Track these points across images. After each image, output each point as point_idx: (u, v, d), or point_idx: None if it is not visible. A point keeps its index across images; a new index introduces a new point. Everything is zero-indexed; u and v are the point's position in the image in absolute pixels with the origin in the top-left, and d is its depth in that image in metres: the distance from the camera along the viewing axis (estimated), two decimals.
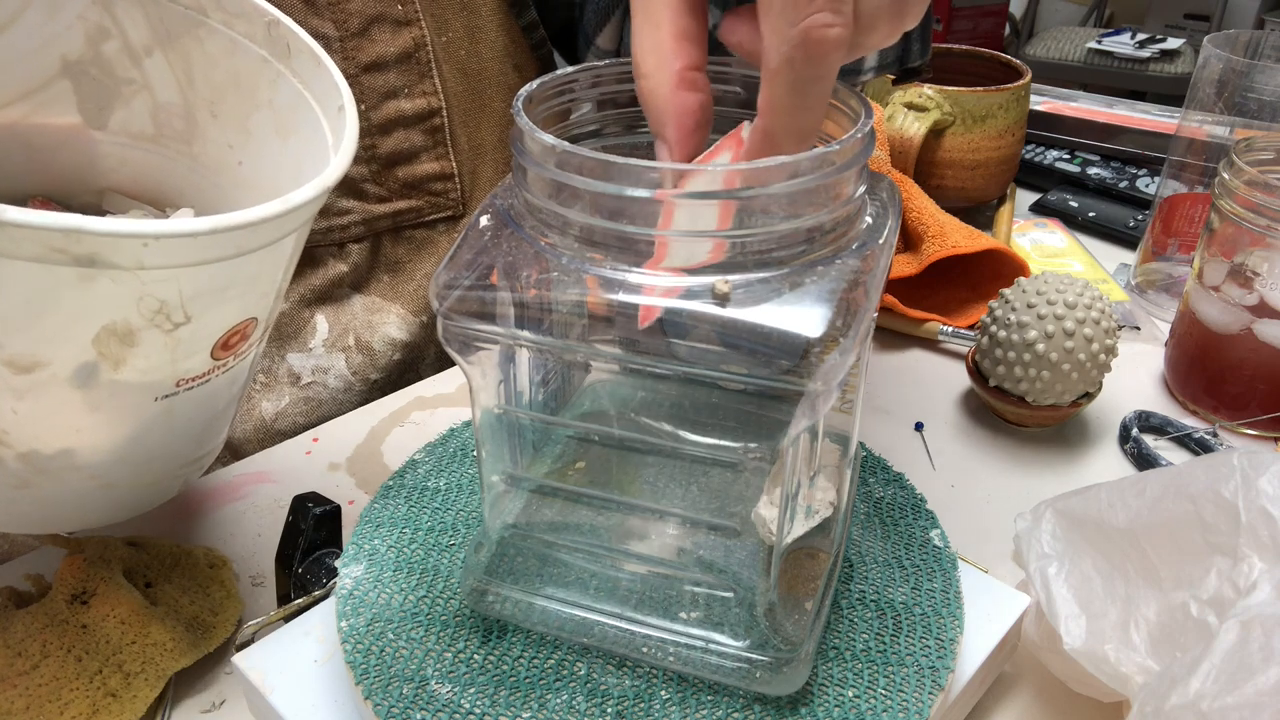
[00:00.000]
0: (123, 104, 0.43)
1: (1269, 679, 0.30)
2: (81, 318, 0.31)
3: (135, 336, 0.32)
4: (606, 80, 0.35)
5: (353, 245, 0.63)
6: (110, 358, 0.32)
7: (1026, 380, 0.55)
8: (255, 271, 0.35)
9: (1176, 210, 0.73)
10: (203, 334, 0.34)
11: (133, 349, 0.33)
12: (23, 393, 0.32)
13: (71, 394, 0.33)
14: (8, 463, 0.34)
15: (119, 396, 0.34)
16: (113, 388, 0.33)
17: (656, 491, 0.40)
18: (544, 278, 0.30)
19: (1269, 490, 0.36)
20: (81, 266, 0.29)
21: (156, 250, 0.30)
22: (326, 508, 0.42)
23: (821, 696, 0.34)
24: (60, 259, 0.29)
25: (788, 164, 0.28)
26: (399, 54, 0.60)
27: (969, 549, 0.44)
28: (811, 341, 0.27)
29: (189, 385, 0.36)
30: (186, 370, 0.35)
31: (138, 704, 0.39)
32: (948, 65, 0.88)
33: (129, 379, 0.33)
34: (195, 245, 0.31)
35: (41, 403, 0.33)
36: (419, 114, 0.62)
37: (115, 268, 0.30)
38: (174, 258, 0.31)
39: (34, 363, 0.31)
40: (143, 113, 0.43)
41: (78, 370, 0.32)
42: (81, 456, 0.35)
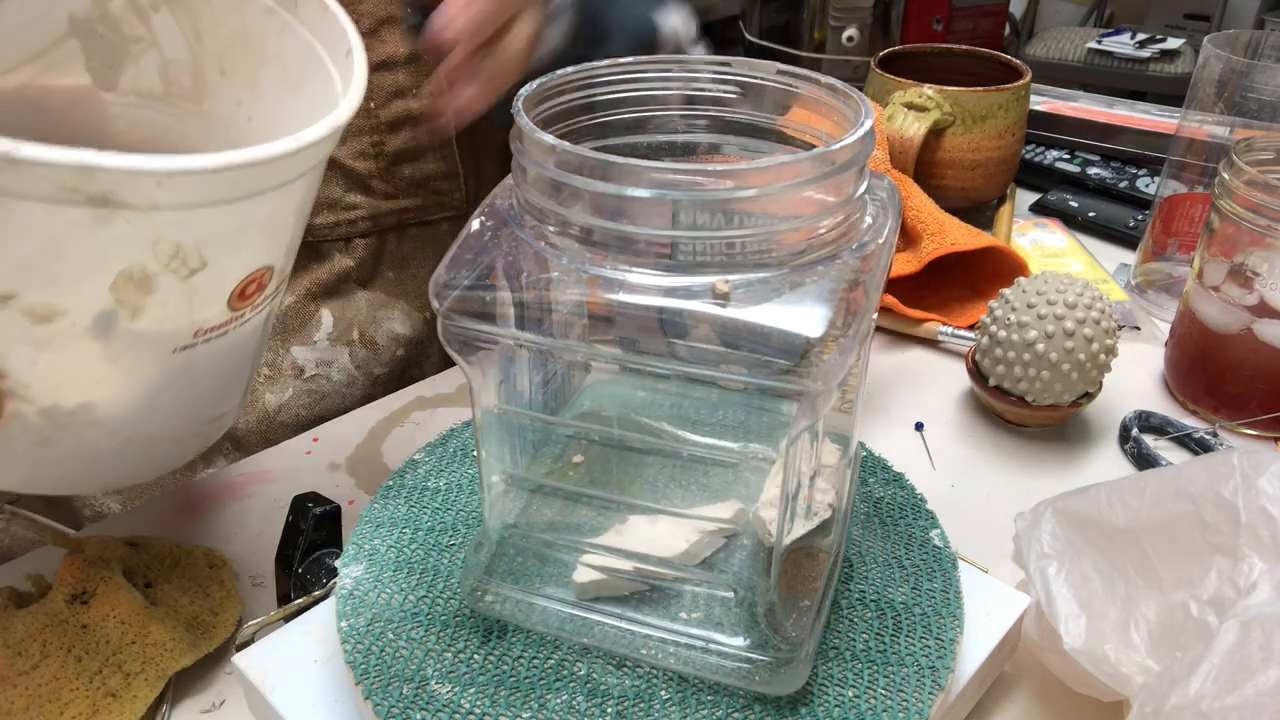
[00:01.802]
0: (131, 63, 0.43)
1: (1269, 679, 0.30)
2: (98, 262, 0.31)
3: (152, 283, 0.32)
4: (606, 80, 0.35)
5: (359, 240, 0.63)
6: (128, 305, 0.32)
7: (1026, 380, 0.55)
8: (268, 216, 0.34)
9: (1176, 210, 0.73)
10: (219, 281, 0.34)
11: (150, 296, 0.32)
12: (43, 343, 0.32)
13: (91, 344, 0.33)
14: (29, 418, 0.34)
15: (138, 347, 0.34)
16: (132, 338, 0.33)
17: (656, 491, 0.40)
18: (544, 278, 0.30)
19: (1269, 490, 0.36)
20: (95, 207, 0.29)
21: (170, 188, 0.29)
22: (326, 508, 0.42)
23: (821, 696, 0.34)
24: (74, 199, 0.28)
25: (788, 164, 0.28)
26: (408, 54, 0.61)
27: (969, 549, 0.44)
28: (811, 341, 0.27)
29: (207, 337, 0.36)
30: (204, 320, 0.35)
31: (138, 704, 0.39)
32: (948, 65, 0.88)
33: (147, 328, 0.33)
34: (208, 182, 0.30)
35: (62, 354, 0.33)
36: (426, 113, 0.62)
37: (129, 207, 0.29)
38: (187, 196, 0.30)
39: (53, 311, 0.31)
40: (151, 71, 0.43)
41: (96, 319, 0.32)
42: (101, 411, 0.35)
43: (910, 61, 0.87)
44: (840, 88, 0.32)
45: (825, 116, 0.33)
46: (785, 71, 0.34)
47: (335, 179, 0.61)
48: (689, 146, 0.36)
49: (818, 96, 0.33)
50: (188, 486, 0.53)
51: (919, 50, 0.88)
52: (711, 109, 0.35)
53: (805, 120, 0.34)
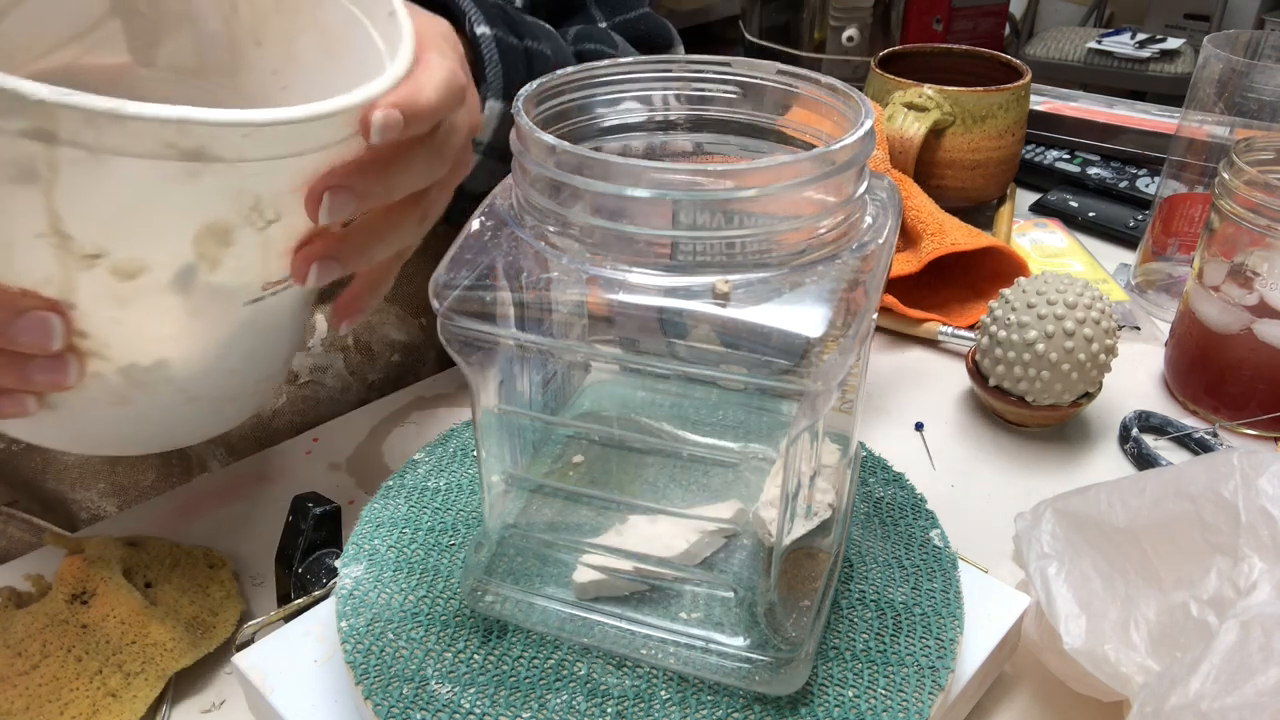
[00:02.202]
0: (169, 38, 0.44)
1: (1269, 679, 0.30)
2: (185, 216, 0.32)
3: (231, 235, 0.33)
4: (606, 80, 0.35)
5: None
6: (208, 258, 0.33)
7: (1026, 380, 0.55)
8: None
9: (1176, 210, 0.73)
10: (288, 233, 0.35)
11: (229, 249, 0.33)
12: (126, 301, 0.33)
13: (171, 299, 0.34)
14: (108, 377, 0.35)
15: (213, 301, 0.35)
16: (209, 292, 0.34)
17: (656, 491, 0.40)
18: (544, 278, 0.30)
19: (1269, 490, 0.36)
20: (188, 160, 0.30)
21: (256, 139, 0.30)
22: (326, 508, 0.42)
23: (821, 696, 0.34)
24: (169, 153, 0.29)
25: (788, 164, 0.28)
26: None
27: (969, 549, 0.44)
28: (811, 341, 0.27)
29: (273, 290, 0.37)
30: (271, 274, 0.36)
31: (138, 704, 0.39)
32: (948, 65, 0.88)
33: (223, 281, 0.34)
34: (290, 133, 0.31)
35: (142, 311, 0.33)
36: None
37: (219, 160, 0.30)
38: (270, 148, 0.31)
39: (138, 268, 0.32)
40: (187, 47, 0.44)
41: (178, 274, 0.33)
42: (175, 368, 0.36)
43: (910, 61, 0.87)
44: (840, 88, 0.32)
45: (825, 116, 0.33)
46: (785, 71, 0.34)
47: None
48: (689, 146, 0.36)
49: (818, 96, 0.33)
50: (187, 486, 0.53)
51: (919, 50, 0.88)
52: (711, 109, 0.35)
53: (805, 120, 0.34)
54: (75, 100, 0.27)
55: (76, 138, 0.28)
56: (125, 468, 0.55)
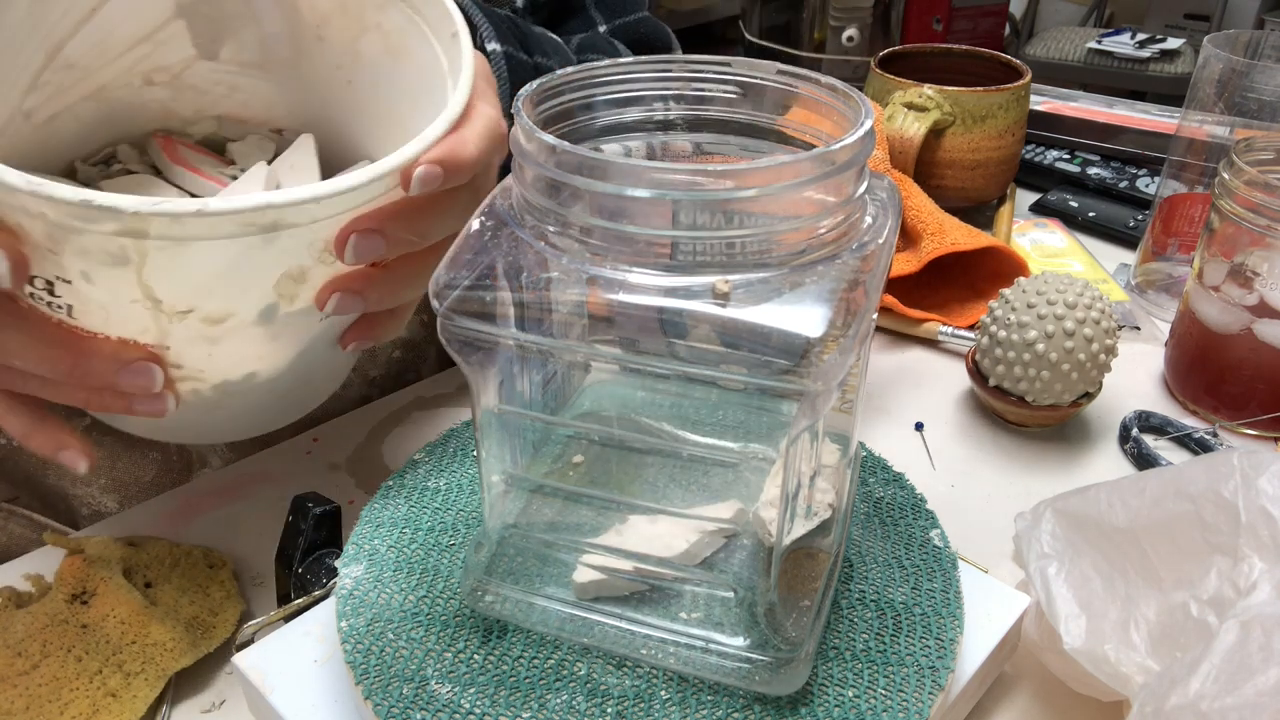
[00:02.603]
0: (232, 36, 0.45)
1: (1269, 679, 0.30)
2: (265, 272, 0.35)
3: (306, 274, 0.36)
4: (606, 80, 0.35)
5: None
6: (287, 296, 0.36)
7: (1026, 380, 0.55)
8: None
9: (1176, 210, 0.73)
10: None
11: (304, 285, 0.36)
12: (216, 340, 0.36)
13: (255, 331, 0.36)
14: (204, 393, 0.39)
15: (293, 323, 0.38)
16: (289, 319, 0.37)
17: (656, 491, 0.40)
18: (544, 278, 0.30)
19: (1269, 490, 0.36)
20: (266, 233, 0.32)
21: (328, 206, 0.33)
22: (326, 508, 0.42)
23: (821, 696, 0.34)
24: (249, 230, 0.32)
25: (788, 164, 0.28)
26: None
27: (969, 549, 0.44)
28: (811, 341, 0.27)
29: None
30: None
31: (138, 704, 0.39)
32: (948, 65, 0.88)
33: (301, 308, 0.37)
34: (357, 194, 0.34)
35: (231, 344, 0.37)
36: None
37: (293, 226, 0.33)
38: (338, 207, 0.34)
39: (225, 315, 0.35)
40: (251, 43, 0.45)
41: (261, 312, 0.36)
42: (262, 376, 0.39)
43: (910, 61, 0.87)
44: (840, 88, 0.32)
45: (825, 116, 0.33)
46: (785, 71, 0.34)
47: None
48: (689, 146, 0.36)
49: (818, 96, 0.33)
50: (186, 487, 0.53)
51: (919, 50, 0.88)
52: (711, 109, 0.35)
53: (805, 120, 0.34)
54: (165, 208, 0.30)
55: (165, 233, 0.31)
56: (126, 464, 0.55)
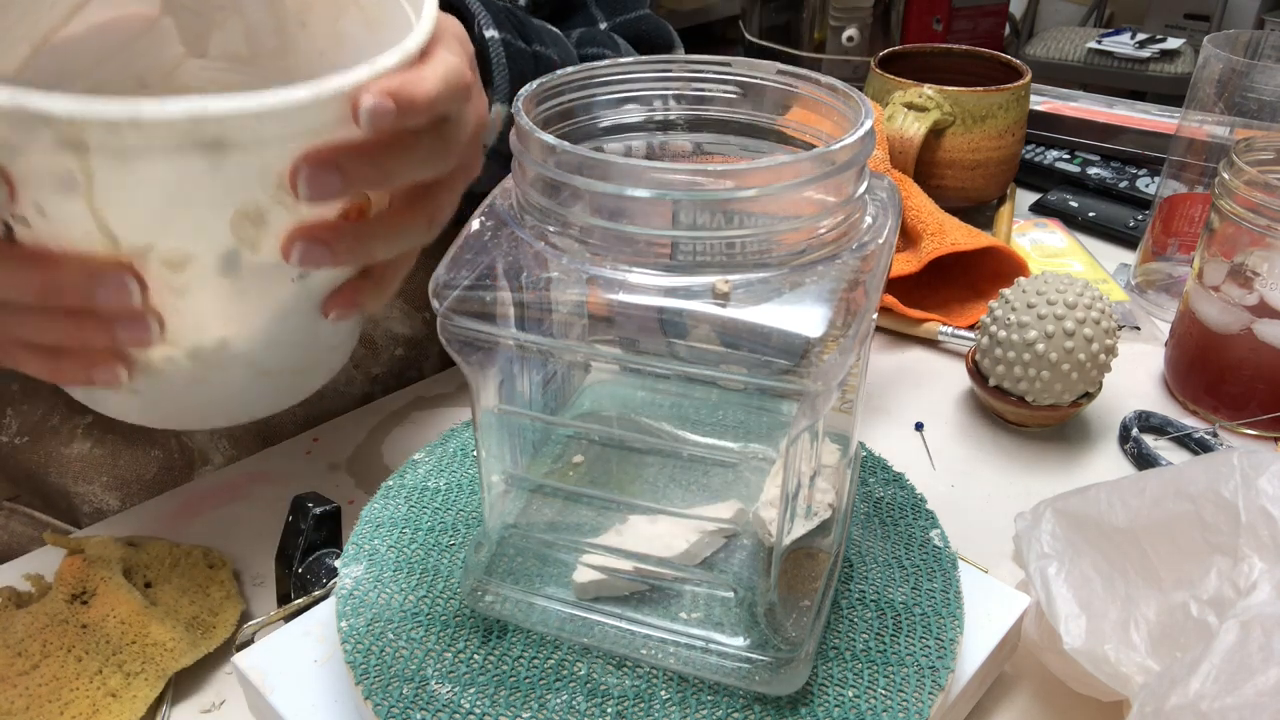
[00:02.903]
0: (219, 29, 0.45)
1: (1269, 679, 0.30)
2: (217, 203, 0.33)
3: (265, 216, 0.34)
4: (606, 80, 0.35)
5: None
6: (248, 241, 0.34)
7: (1026, 380, 0.55)
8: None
9: (1176, 210, 0.73)
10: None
11: (264, 228, 0.34)
12: (181, 290, 0.35)
13: (221, 283, 0.35)
14: (179, 361, 0.37)
15: (261, 279, 0.36)
16: (255, 271, 0.36)
17: (656, 491, 0.40)
18: (544, 278, 0.30)
19: (1269, 490, 0.36)
20: (209, 151, 0.31)
21: (270, 121, 0.31)
22: (326, 508, 0.42)
23: (821, 696, 0.34)
24: (190, 146, 0.31)
25: (788, 164, 0.28)
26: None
27: (969, 549, 0.44)
28: (811, 341, 0.27)
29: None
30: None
31: (138, 704, 0.39)
32: (948, 65, 0.88)
33: (266, 260, 0.35)
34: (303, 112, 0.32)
35: (197, 297, 0.35)
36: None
37: (238, 146, 0.32)
38: (287, 127, 0.32)
39: (185, 257, 0.34)
40: (237, 36, 0.45)
41: (222, 259, 0.35)
42: (238, 345, 0.38)
43: (910, 61, 0.87)
44: (840, 88, 0.32)
45: (825, 116, 0.33)
46: (785, 71, 0.34)
47: None
48: (689, 146, 0.36)
49: (818, 96, 0.33)
50: (187, 487, 0.53)
51: (919, 50, 0.88)
52: (711, 109, 0.35)
53: (805, 120, 0.34)
54: (97, 110, 0.29)
55: (104, 144, 0.30)
56: (127, 461, 0.55)
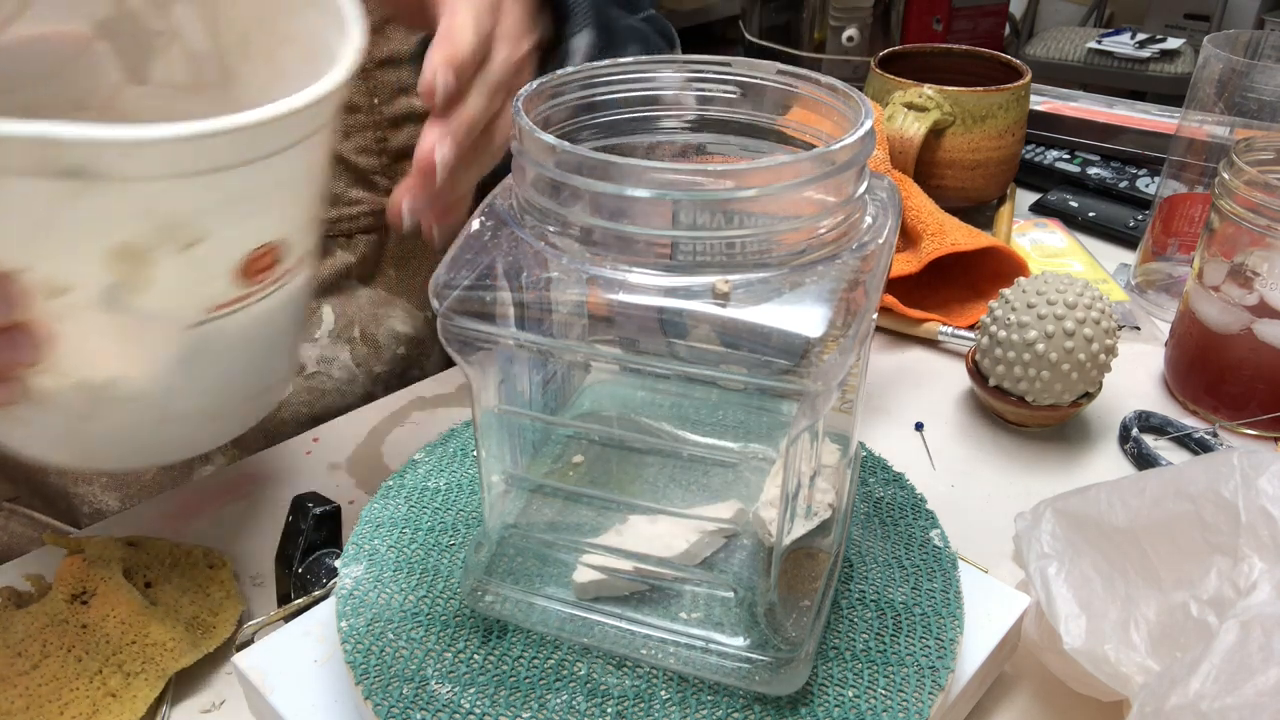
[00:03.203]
0: (159, 56, 0.44)
1: (1269, 679, 0.30)
2: (88, 235, 0.31)
3: (148, 257, 0.32)
4: (606, 80, 0.35)
5: (361, 236, 0.64)
6: (129, 279, 0.33)
7: (1026, 380, 0.55)
8: (268, 187, 0.34)
9: (1176, 210, 0.73)
10: (222, 255, 0.34)
11: (149, 270, 0.33)
12: (60, 317, 0.33)
13: (101, 318, 0.34)
14: (65, 391, 0.35)
15: (150, 322, 0.35)
16: (142, 313, 0.34)
17: (656, 491, 0.40)
18: (544, 278, 0.30)
19: (1269, 490, 0.36)
20: (70, 179, 0.29)
21: (138, 158, 0.30)
22: (326, 508, 0.42)
23: (821, 696, 0.34)
24: (48, 171, 0.29)
25: (788, 164, 0.28)
26: (412, 51, 0.61)
27: (969, 549, 0.44)
28: (811, 341, 0.27)
29: (223, 312, 0.36)
30: (213, 296, 0.35)
31: (138, 704, 0.39)
32: (948, 65, 0.88)
33: (155, 304, 0.34)
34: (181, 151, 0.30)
35: (78, 327, 0.34)
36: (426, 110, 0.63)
37: (103, 178, 0.30)
38: (163, 166, 0.30)
39: (63, 285, 0.32)
40: (179, 63, 0.44)
41: (103, 293, 0.33)
42: (130, 386, 0.36)
43: (910, 61, 0.87)
44: (840, 88, 0.32)
45: (825, 116, 0.33)
46: (785, 71, 0.34)
47: (339, 174, 0.62)
48: (689, 147, 0.36)
49: (818, 96, 0.33)
50: (187, 487, 0.53)
51: (919, 50, 0.88)
52: (711, 109, 0.35)
53: (805, 120, 0.34)
54: None
55: None
56: None
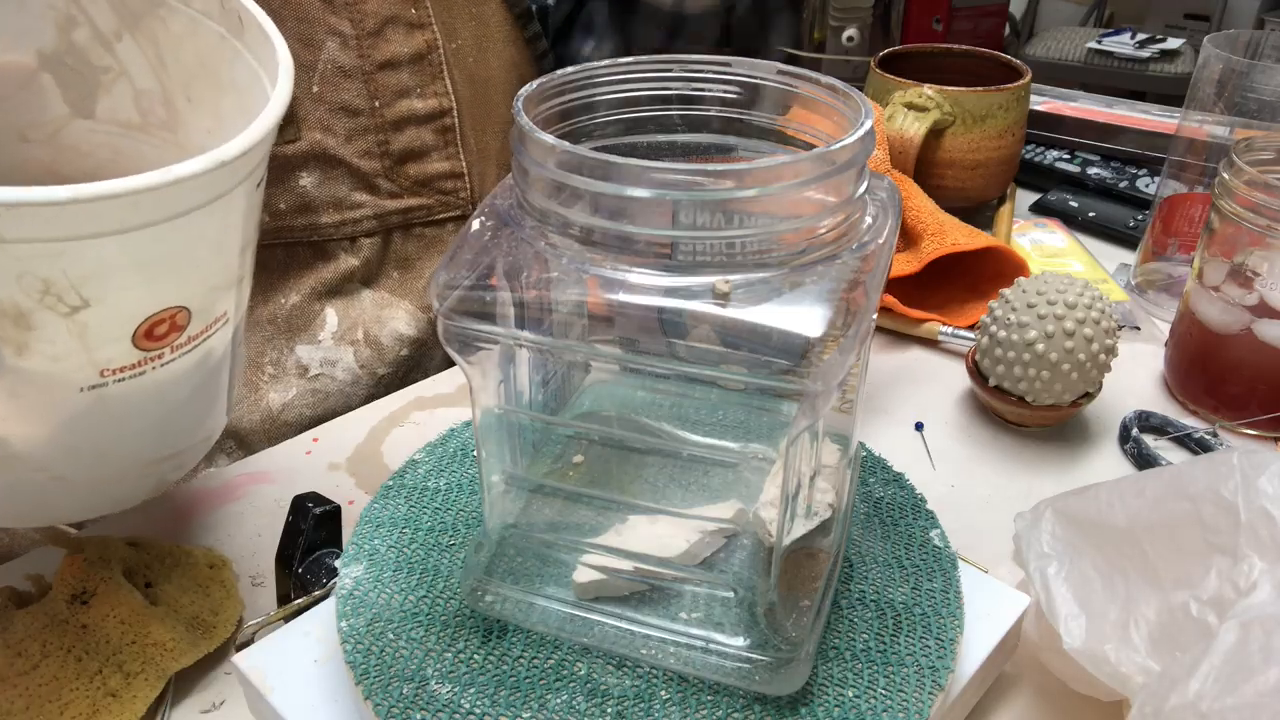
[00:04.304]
0: (105, 92, 0.43)
1: (1269, 679, 0.30)
2: None
3: (29, 319, 0.31)
4: (606, 80, 0.35)
5: (364, 239, 0.64)
6: (9, 341, 0.32)
7: (1026, 380, 0.55)
8: (163, 252, 0.33)
9: (1176, 210, 0.73)
10: (114, 320, 0.33)
11: (31, 332, 0.32)
12: None
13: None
14: None
15: (37, 384, 0.33)
16: (27, 375, 0.33)
17: (656, 491, 0.40)
18: (544, 278, 0.30)
19: (1269, 490, 0.36)
20: None
21: (13, 220, 0.29)
22: (326, 508, 0.42)
23: (821, 696, 0.34)
24: None
25: (788, 164, 0.28)
26: (412, 55, 0.62)
27: (969, 549, 0.44)
28: (811, 341, 0.27)
29: (119, 377, 0.35)
30: (107, 360, 0.34)
31: (138, 704, 0.39)
32: (948, 65, 0.87)
33: (40, 366, 0.33)
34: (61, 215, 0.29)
35: None
36: (430, 113, 0.64)
37: None
38: (42, 229, 0.29)
39: None
40: (126, 101, 0.44)
41: None
42: (16, 446, 0.35)
43: (910, 61, 0.87)
44: (840, 88, 0.32)
45: (825, 116, 0.33)
46: (785, 71, 0.34)
47: (341, 177, 0.62)
48: (689, 146, 0.36)
49: (818, 96, 0.33)
50: (188, 486, 0.53)
51: (919, 50, 0.88)
52: (711, 109, 0.35)
53: (805, 120, 0.34)
54: None
55: None
56: None
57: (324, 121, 0.60)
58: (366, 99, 0.61)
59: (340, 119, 0.61)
